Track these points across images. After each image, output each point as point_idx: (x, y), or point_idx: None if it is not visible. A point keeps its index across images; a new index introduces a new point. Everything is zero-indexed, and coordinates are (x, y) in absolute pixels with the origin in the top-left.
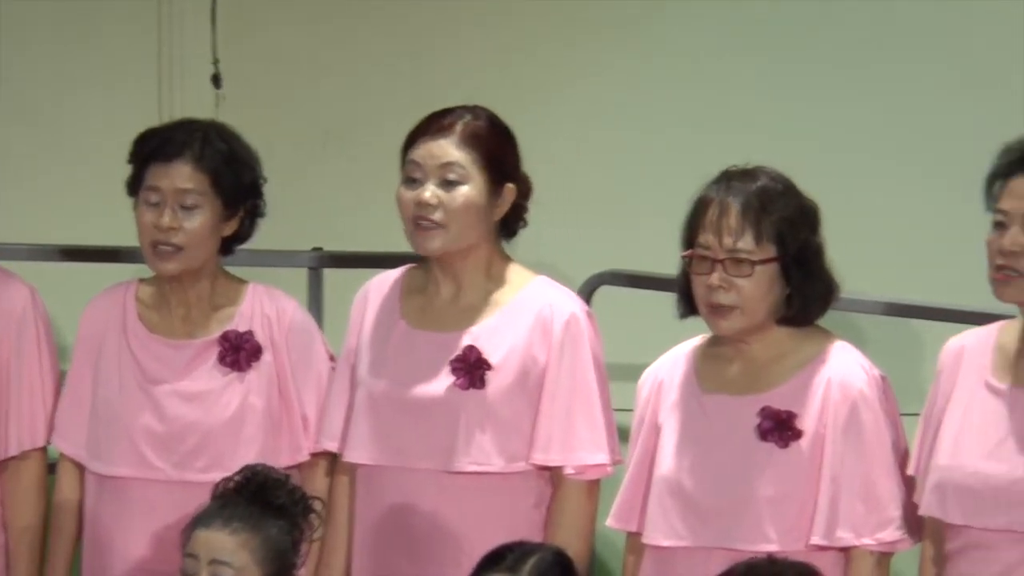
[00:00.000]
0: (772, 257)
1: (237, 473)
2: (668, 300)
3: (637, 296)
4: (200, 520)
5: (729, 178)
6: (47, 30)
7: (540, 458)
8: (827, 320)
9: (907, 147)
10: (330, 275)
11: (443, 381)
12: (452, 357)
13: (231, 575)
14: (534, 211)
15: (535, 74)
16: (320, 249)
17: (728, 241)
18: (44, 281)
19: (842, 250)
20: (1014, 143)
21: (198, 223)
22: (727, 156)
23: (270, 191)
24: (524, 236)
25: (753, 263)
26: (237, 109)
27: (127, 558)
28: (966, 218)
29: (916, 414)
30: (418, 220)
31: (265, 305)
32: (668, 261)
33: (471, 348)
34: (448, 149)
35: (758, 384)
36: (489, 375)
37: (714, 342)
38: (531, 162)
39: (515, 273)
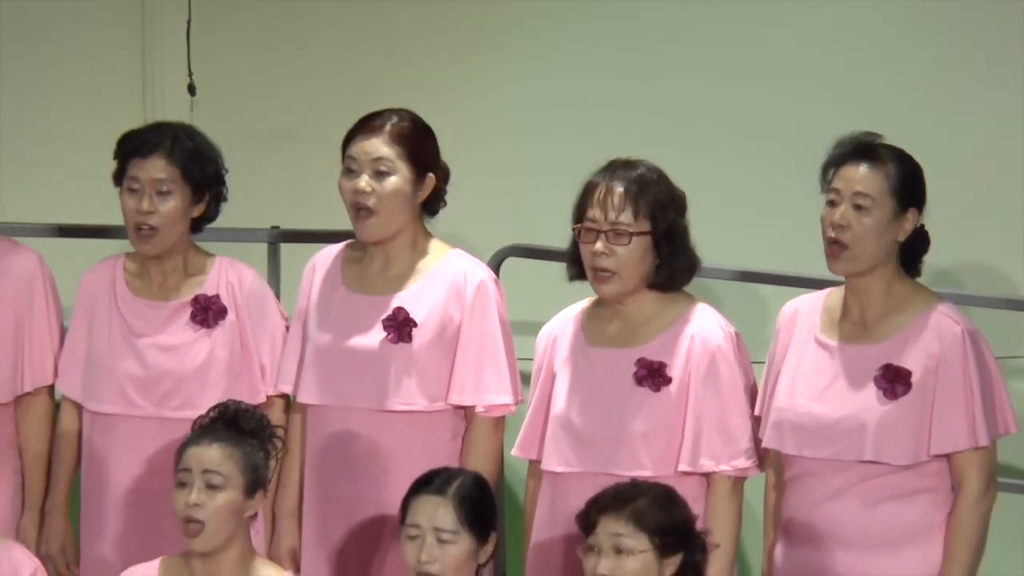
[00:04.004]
0: (646, 231)
1: (211, 409)
2: (562, 269)
3: (537, 265)
4: (189, 441)
5: (614, 167)
6: (53, 51)
7: (456, 399)
8: (690, 285)
9: (755, 146)
10: (286, 249)
11: (376, 336)
12: (384, 316)
13: (220, 481)
14: (454, 194)
15: (457, 84)
16: (277, 227)
17: (612, 215)
18: (43, 253)
19: (703, 228)
20: (845, 138)
21: (171, 207)
22: (611, 152)
23: (236, 179)
24: (445, 214)
25: (631, 234)
26: (209, 112)
27: (117, 480)
28: (802, 202)
29: (763, 361)
30: (357, 206)
31: (229, 274)
32: (561, 237)
33: (399, 309)
34: (379, 146)
35: (634, 339)
36: (414, 331)
37: (597, 304)
38: (453, 154)
39: (435, 246)
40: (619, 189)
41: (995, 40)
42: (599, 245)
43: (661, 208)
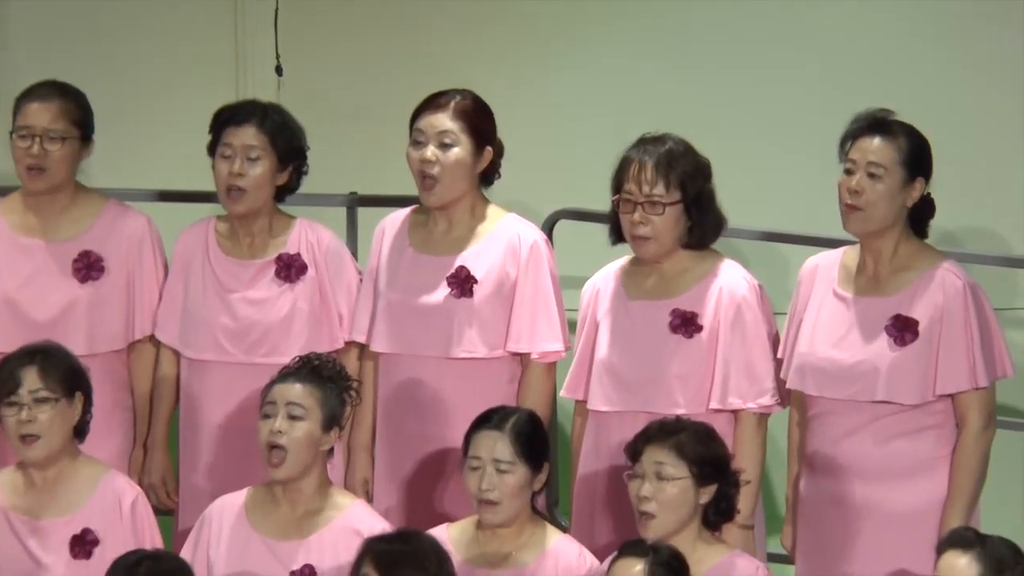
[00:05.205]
0: (677, 200)
1: (295, 359)
2: (607, 230)
3: (585, 227)
4: (275, 380)
5: (644, 142)
6: (157, 38)
7: (513, 347)
8: (719, 244)
9: (780, 122)
10: (362, 212)
11: (441, 292)
12: (448, 274)
13: (301, 413)
14: (513, 164)
15: (517, 66)
16: (355, 193)
17: (646, 188)
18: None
19: (732, 194)
20: (861, 114)
21: (260, 171)
22: (651, 124)
23: (318, 150)
24: (505, 182)
25: (664, 204)
26: (294, 90)
27: (211, 419)
28: (819, 171)
29: (785, 312)
30: (423, 174)
31: (308, 234)
32: (607, 201)
33: (462, 267)
34: (444, 120)
35: (669, 292)
36: (475, 287)
37: (635, 261)
38: (512, 128)
39: (492, 211)
40: (651, 163)
41: (995, 27)
42: (637, 215)
43: (690, 178)
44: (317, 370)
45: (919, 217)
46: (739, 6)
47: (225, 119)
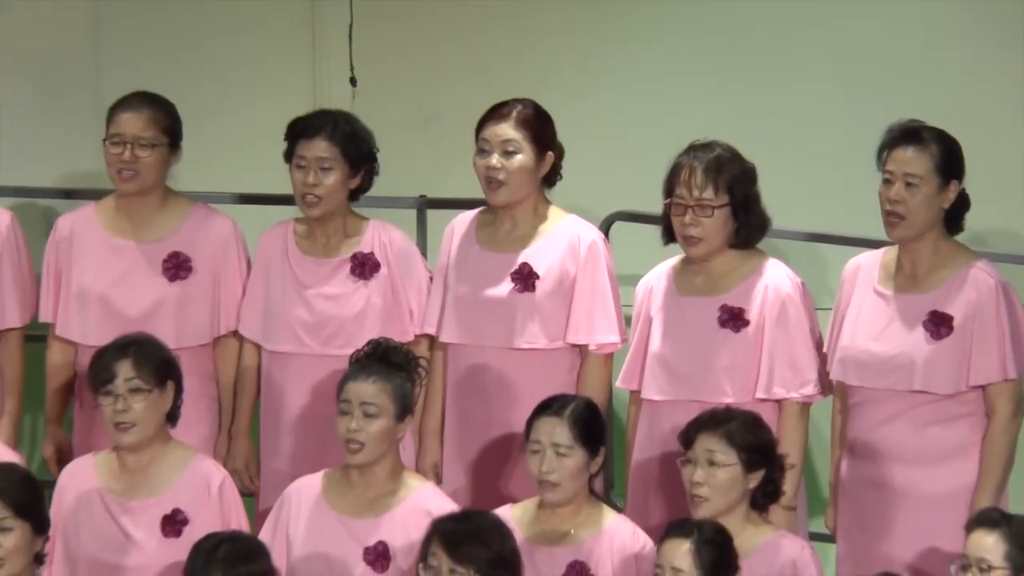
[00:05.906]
0: (725, 203)
1: (366, 345)
2: (660, 231)
3: (640, 227)
4: (348, 377)
5: (694, 149)
6: (242, 54)
7: (572, 338)
8: (764, 244)
9: (820, 128)
10: (431, 214)
11: (505, 287)
12: (512, 270)
13: (375, 411)
14: (573, 169)
15: (576, 78)
16: (424, 196)
17: (696, 193)
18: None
19: (777, 197)
20: (895, 125)
21: (332, 180)
22: (702, 132)
23: (389, 156)
24: (566, 185)
25: (713, 208)
26: (367, 101)
27: (290, 407)
28: (860, 173)
29: (828, 308)
30: (488, 180)
31: (381, 234)
32: (660, 204)
33: (525, 264)
34: (507, 130)
35: (717, 289)
36: (537, 283)
37: (686, 260)
38: (572, 136)
39: (553, 212)
40: (700, 169)
41: (1019, 36)
42: (687, 218)
43: (737, 182)
44: (386, 357)
45: (955, 213)
46: (784, 19)
47: (299, 131)
